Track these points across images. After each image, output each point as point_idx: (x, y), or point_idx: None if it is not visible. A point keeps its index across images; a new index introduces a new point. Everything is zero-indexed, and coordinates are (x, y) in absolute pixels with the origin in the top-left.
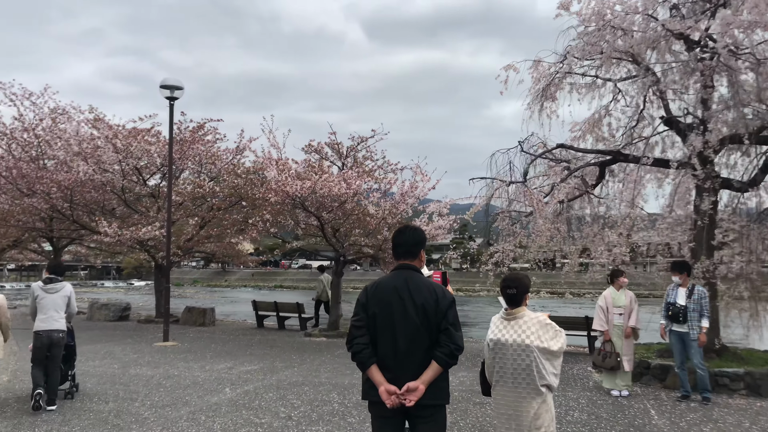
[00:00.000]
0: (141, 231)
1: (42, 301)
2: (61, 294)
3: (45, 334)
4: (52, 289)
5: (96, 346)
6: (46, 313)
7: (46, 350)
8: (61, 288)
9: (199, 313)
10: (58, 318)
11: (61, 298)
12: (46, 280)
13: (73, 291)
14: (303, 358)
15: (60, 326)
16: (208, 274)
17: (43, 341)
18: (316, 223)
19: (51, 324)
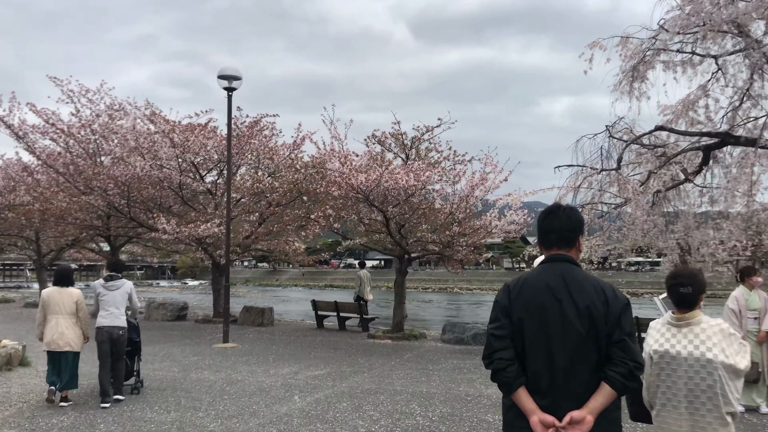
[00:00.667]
0: (200, 228)
1: (104, 298)
2: (122, 291)
3: (106, 331)
4: (112, 287)
5: (155, 347)
6: (108, 310)
7: (108, 345)
8: (122, 285)
9: (258, 313)
10: (119, 315)
11: (122, 295)
12: (106, 278)
13: (134, 288)
14: (371, 362)
15: (120, 323)
16: (259, 273)
17: (104, 337)
18: (381, 219)
19: (112, 321)
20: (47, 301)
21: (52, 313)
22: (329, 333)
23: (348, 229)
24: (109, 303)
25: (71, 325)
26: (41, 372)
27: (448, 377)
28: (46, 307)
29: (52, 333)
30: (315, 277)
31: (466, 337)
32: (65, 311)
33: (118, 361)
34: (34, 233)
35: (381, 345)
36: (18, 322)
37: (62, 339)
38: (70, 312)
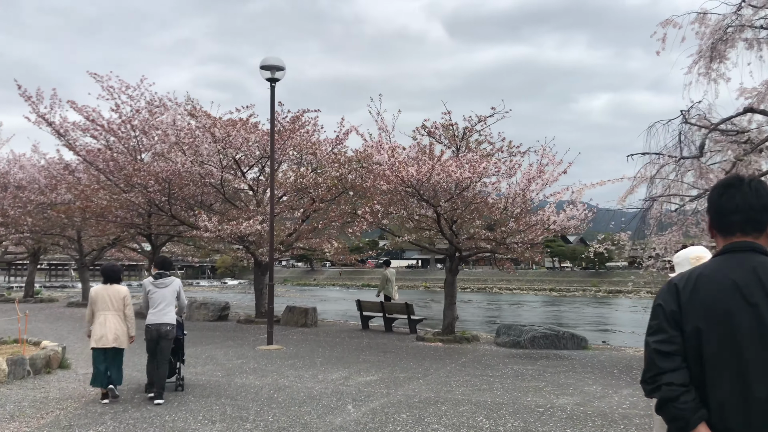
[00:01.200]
0: (242, 225)
1: (153, 295)
2: (171, 288)
3: (154, 328)
4: (162, 284)
5: (197, 349)
6: (157, 307)
7: (156, 343)
8: (171, 282)
9: (301, 313)
10: (168, 312)
11: (171, 293)
12: (156, 276)
13: (182, 285)
14: (424, 367)
15: (169, 320)
16: (297, 273)
17: (152, 334)
18: (431, 214)
19: (161, 318)
20: (95, 299)
21: (100, 310)
22: (376, 335)
23: (389, 228)
24: (158, 300)
25: (119, 322)
26: (81, 375)
27: (511, 385)
28: (95, 304)
29: (101, 330)
30: (352, 277)
31: (523, 340)
32: (113, 308)
33: (162, 360)
34: (76, 232)
35: (432, 348)
36: (60, 322)
37: (110, 335)
38: (118, 309)
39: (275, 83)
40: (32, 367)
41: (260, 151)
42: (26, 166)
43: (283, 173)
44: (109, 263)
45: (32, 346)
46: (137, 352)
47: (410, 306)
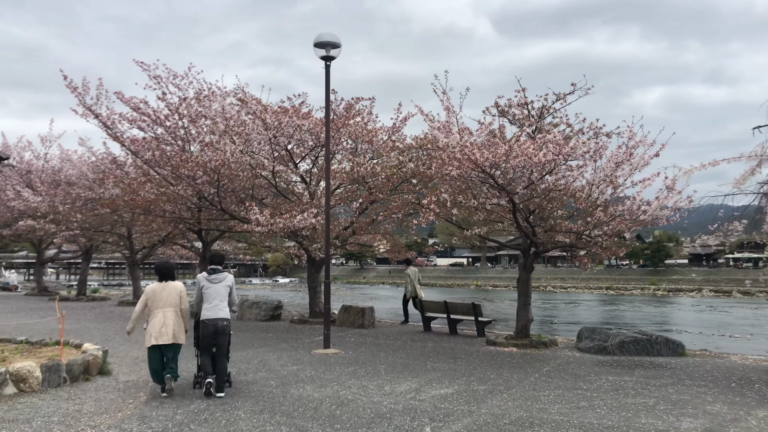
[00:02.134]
0: (295, 219)
1: (208, 291)
2: (224, 284)
3: (211, 323)
4: (216, 279)
5: (248, 352)
6: (212, 302)
7: (212, 338)
8: (224, 278)
9: (357, 313)
10: (223, 307)
11: (224, 288)
12: (209, 271)
13: (234, 281)
14: (504, 377)
15: (224, 315)
16: (346, 271)
17: (209, 329)
18: (506, 203)
19: (216, 313)
20: (152, 296)
21: (158, 307)
22: (440, 338)
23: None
24: (213, 296)
25: (177, 318)
26: (121, 383)
27: (614, 401)
28: (152, 302)
29: (159, 326)
30: (402, 275)
31: (610, 345)
32: (170, 304)
33: (220, 357)
34: (126, 230)
35: (506, 354)
36: (109, 322)
37: (169, 332)
38: (176, 305)
39: (330, 62)
40: (69, 374)
41: (313, 140)
42: (75, 161)
43: (338, 163)
44: (163, 260)
45: (73, 348)
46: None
47: (478, 306)
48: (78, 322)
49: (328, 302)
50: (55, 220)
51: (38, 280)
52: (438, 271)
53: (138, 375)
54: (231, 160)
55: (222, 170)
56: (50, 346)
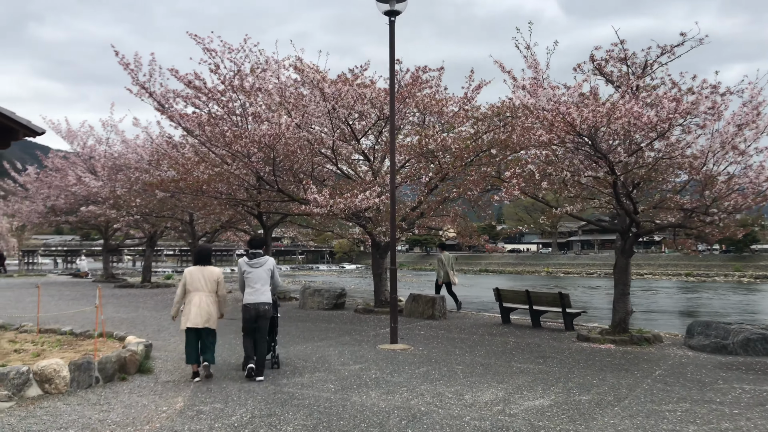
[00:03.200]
0: (356, 199)
1: (249, 275)
2: (266, 268)
3: (252, 307)
4: (256, 264)
5: (307, 346)
6: (253, 287)
7: (254, 322)
8: (265, 262)
9: (427, 303)
10: (264, 291)
11: (266, 272)
12: (250, 255)
13: (276, 264)
14: (609, 382)
15: (266, 299)
16: (412, 258)
17: (251, 313)
18: (603, 174)
19: (258, 297)
20: (189, 280)
21: (194, 291)
22: (522, 331)
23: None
24: (254, 280)
25: (212, 303)
26: (160, 385)
27: (766, 421)
28: (189, 285)
29: (194, 310)
30: (469, 261)
31: (732, 343)
32: (206, 289)
33: (260, 341)
34: (188, 215)
35: (604, 353)
36: (167, 311)
37: (203, 315)
38: (211, 290)
39: (395, 17)
40: (102, 373)
41: (376, 113)
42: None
43: (404, 136)
44: (201, 245)
45: (116, 341)
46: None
47: (566, 297)
48: (136, 311)
49: (394, 291)
50: (116, 206)
51: (105, 267)
52: (507, 257)
53: (181, 373)
54: (287, 134)
55: (277, 146)
56: (93, 339)
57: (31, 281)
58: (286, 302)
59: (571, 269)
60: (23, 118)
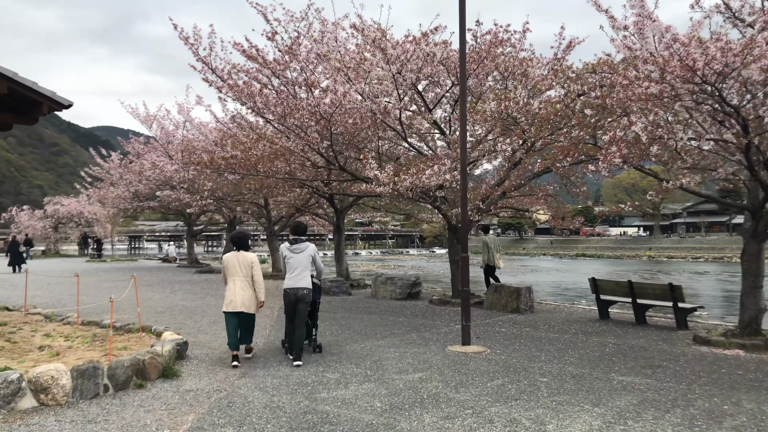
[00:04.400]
0: (424, 175)
1: (290, 261)
2: (306, 253)
3: (292, 292)
4: (297, 249)
5: (364, 345)
6: (294, 272)
7: (294, 306)
8: (306, 248)
9: (511, 294)
10: (305, 276)
11: (307, 257)
12: (291, 241)
13: (317, 250)
14: (748, 410)
15: (305, 284)
16: (504, 242)
17: (290, 298)
18: (734, 135)
19: (297, 282)
20: (227, 265)
21: (231, 275)
22: (623, 329)
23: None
24: (294, 265)
25: (247, 287)
26: (182, 393)
27: None
28: (227, 270)
29: (231, 294)
30: (564, 246)
31: None
32: (242, 274)
33: (299, 325)
34: (262, 199)
35: (731, 361)
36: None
37: (237, 300)
38: (247, 275)
39: None
40: (112, 381)
41: (450, 77)
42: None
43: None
44: (238, 230)
45: (153, 337)
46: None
47: (678, 289)
48: (203, 298)
49: (466, 283)
50: (190, 190)
51: (189, 252)
52: (605, 241)
53: (211, 378)
54: (345, 103)
55: (335, 117)
56: (133, 333)
57: (121, 266)
58: (359, 290)
59: (675, 253)
60: (47, 89)
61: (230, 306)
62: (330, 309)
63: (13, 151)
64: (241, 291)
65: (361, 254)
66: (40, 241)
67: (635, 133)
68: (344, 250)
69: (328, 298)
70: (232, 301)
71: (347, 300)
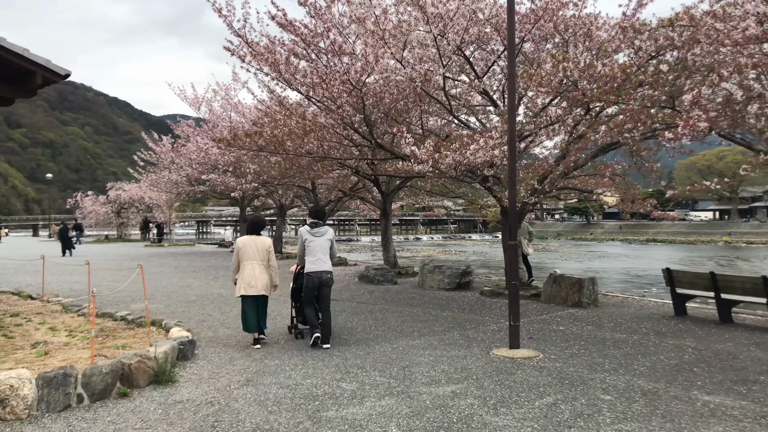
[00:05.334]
0: (468, 150)
1: (311, 244)
2: (326, 237)
3: (315, 276)
4: (318, 233)
5: (396, 346)
6: (315, 255)
7: (317, 290)
8: (326, 232)
9: (572, 286)
10: (326, 260)
11: (326, 241)
12: (311, 224)
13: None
14: None
15: (328, 267)
16: (571, 227)
17: (314, 282)
18: None
19: (321, 266)
20: (242, 249)
21: (247, 259)
22: (704, 329)
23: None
24: (316, 249)
25: (263, 271)
26: (170, 404)
27: None
28: (242, 254)
29: (248, 278)
30: (635, 231)
31: None
32: (259, 258)
33: (325, 309)
34: (310, 183)
35: None
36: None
37: (257, 283)
38: (263, 259)
39: None
40: (87, 390)
41: (502, 40)
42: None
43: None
44: (254, 215)
45: (163, 332)
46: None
47: None
48: None
49: (514, 275)
50: (236, 173)
51: None
52: (677, 226)
53: (210, 386)
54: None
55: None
56: (143, 327)
57: (176, 251)
58: (407, 278)
59: (754, 239)
60: (40, 56)
61: (251, 290)
62: (369, 300)
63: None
64: (260, 274)
65: (422, 239)
66: (104, 226)
67: (726, 92)
68: (391, 236)
69: (370, 288)
70: (253, 285)
71: (390, 290)
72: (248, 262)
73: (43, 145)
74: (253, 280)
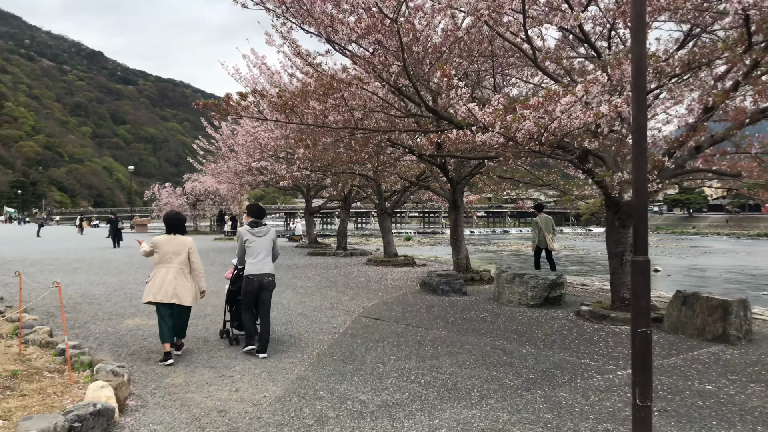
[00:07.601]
0: (558, 107)
1: (251, 244)
2: (269, 237)
3: (256, 279)
4: (259, 233)
5: (440, 419)
6: (256, 257)
7: (256, 294)
8: (268, 231)
9: (712, 311)
10: (268, 261)
11: (268, 242)
12: (252, 224)
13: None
14: None
15: (270, 269)
16: (671, 219)
17: (253, 285)
18: None
19: (261, 268)
20: (158, 249)
21: (162, 262)
22: None
23: None
24: (257, 249)
25: (181, 276)
26: None
27: None
28: (157, 255)
29: (160, 283)
30: (742, 224)
31: None
32: (174, 261)
33: (265, 315)
34: (372, 171)
35: None
36: (321, 292)
37: (169, 290)
38: (181, 262)
39: None
40: None
41: None
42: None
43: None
44: (172, 211)
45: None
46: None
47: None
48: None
49: (645, 298)
50: (287, 159)
51: (308, 231)
52: None
53: None
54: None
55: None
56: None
57: None
58: (480, 286)
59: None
60: None
61: (159, 296)
62: (423, 322)
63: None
64: (174, 279)
65: (511, 233)
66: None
67: None
68: (462, 233)
69: (430, 301)
70: (161, 290)
71: (456, 305)
72: (162, 266)
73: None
74: (165, 284)
